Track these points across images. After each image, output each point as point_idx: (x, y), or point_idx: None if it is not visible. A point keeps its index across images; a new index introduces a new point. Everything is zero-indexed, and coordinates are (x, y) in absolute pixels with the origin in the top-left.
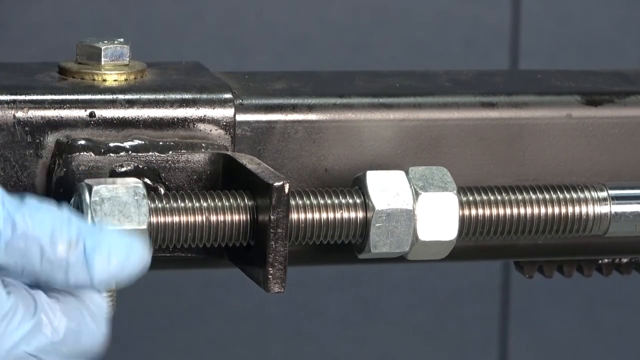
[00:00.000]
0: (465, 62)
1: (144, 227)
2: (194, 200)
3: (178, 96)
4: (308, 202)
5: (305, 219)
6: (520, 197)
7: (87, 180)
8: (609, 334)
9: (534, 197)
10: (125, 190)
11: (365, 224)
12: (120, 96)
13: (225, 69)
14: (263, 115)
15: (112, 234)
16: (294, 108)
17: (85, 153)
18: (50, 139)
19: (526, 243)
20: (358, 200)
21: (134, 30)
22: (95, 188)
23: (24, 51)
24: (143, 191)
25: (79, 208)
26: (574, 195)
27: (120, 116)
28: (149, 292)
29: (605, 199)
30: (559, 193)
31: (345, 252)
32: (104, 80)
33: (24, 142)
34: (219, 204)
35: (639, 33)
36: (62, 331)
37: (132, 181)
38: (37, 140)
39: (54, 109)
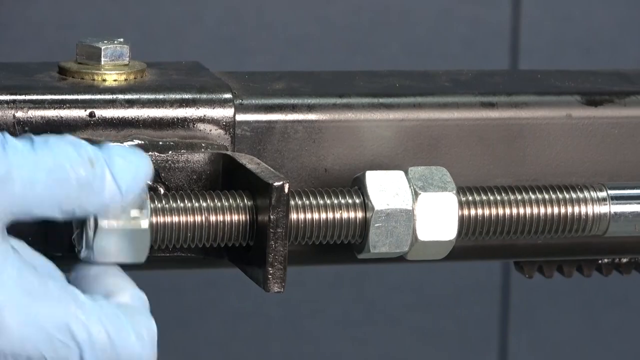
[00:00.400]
0: (465, 62)
1: (146, 227)
2: (194, 200)
3: (178, 96)
4: (308, 202)
5: (305, 219)
6: (520, 197)
7: None
8: (609, 334)
9: (533, 197)
10: None
11: (365, 224)
12: (120, 96)
13: (225, 69)
14: (263, 115)
15: (116, 147)
16: (293, 108)
17: None
18: None
19: (526, 243)
20: (357, 201)
21: (134, 30)
22: None
23: (24, 51)
24: (145, 190)
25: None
26: (574, 195)
27: (120, 116)
28: (149, 292)
29: (604, 199)
30: (558, 193)
31: (345, 252)
32: (104, 80)
33: None
34: (219, 204)
35: (639, 33)
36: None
37: None
38: None
39: (54, 109)
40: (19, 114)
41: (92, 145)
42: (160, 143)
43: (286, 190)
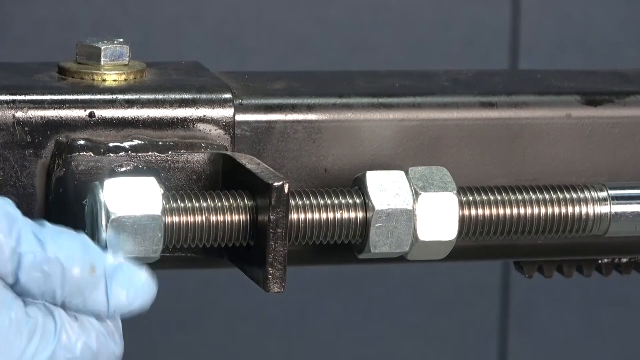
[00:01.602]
0: (465, 62)
1: (160, 233)
2: (194, 201)
3: (178, 96)
4: (308, 202)
5: (305, 219)
6: (520, 197)
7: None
8: (609, 334)
9: (534, 197)
10: (138, 188)
11: (366, 224)
12: (120, 96)
13: (225, 69)
14: (263, 116)
15: (127, 264)
16: (293, 108)
17: (85, 153)
18: (50, 139)
19: (526, 243)
20: (358, 201)
21: (134, 30)
22: (107, 186)
23: (24, 51)
24: (157, 188)
25: (94, 207)
26: (574, 196)
27: (120, 116)
28: None
29: (605, 199)
30: (559, 193)
31: (345, 252)
32: (104, 81)
33: (24, 143)
34: (219, 204)
35: (639, 33)
36: (79, 350)
37: (146, 179)
38: (37, 141)
39: (54, 109)
40: (19, 114)
41: (101, 253)
42: (160, 143)
43: (286, 190)
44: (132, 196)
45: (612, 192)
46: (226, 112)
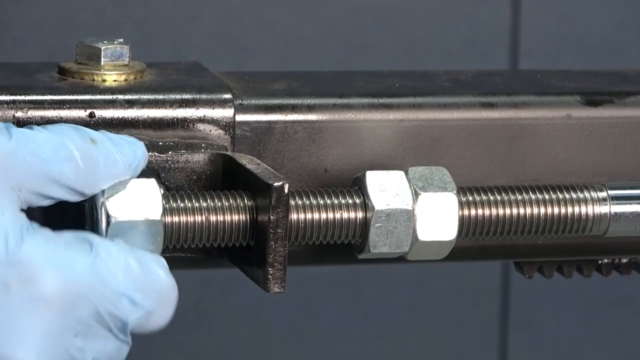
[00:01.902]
0: (465, 62)
1: (159, 232)
2: (194, 201)
3: (178, 96)
4: (308, 202)
5: (305, 219)
6: (520, 197)
7: None
8: (609, 334)
9: (533, 197)
10: (138, 188)
11: (365, 224)
12: (120, 96)
13: (225, 69)
14: (263, 116)
15: (109, 133)
16: (293, 108)
17: None
18: None
19: (526, 243)
20: (358, 201)
21: (134, 30)
22: (107, 188)
23: (24, 51)
24: (157, 188)
25: (93, 208)
26: (574, 196)
27: (120, 116)
28: None
29: (604, 199)
30: (558, 193)
31: (345, 252)
32: (104, 81)
33: None
34: (219, 204)
35: (639, 33)
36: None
37: (145, 179)
38: None
39: (54, 109)
40: (19, 114)
41: (84, 128)
42: (160, 143)
43: (286, 190)
44: (131, 196)
45: (612, 192)
46: (226, 112)
